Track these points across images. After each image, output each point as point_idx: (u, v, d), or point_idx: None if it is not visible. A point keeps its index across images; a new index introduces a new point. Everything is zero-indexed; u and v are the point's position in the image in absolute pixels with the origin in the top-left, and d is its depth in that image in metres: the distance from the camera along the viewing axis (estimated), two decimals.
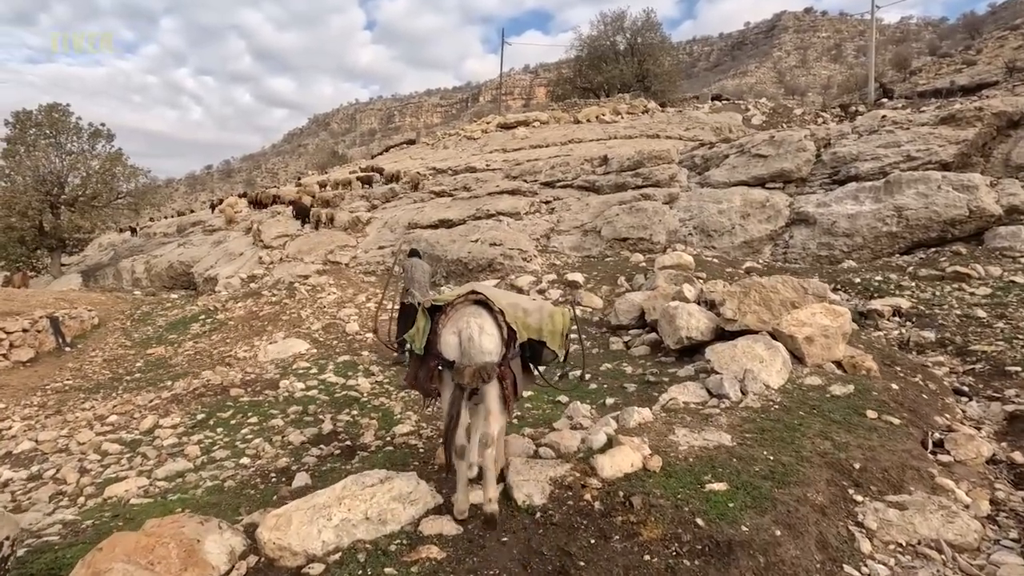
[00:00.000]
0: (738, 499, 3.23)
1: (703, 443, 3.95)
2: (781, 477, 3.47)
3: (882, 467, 3.64)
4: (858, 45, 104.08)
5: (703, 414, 4.55)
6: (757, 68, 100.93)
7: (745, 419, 4.39)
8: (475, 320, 3.07)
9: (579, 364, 5.78)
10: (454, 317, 3.14)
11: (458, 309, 3.18)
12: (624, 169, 15.99)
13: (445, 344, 3.07)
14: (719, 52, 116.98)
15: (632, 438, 3.89)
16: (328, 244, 18.56)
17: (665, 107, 36.36)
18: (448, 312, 3.18)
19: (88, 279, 26.26)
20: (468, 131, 38.77)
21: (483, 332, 3.02)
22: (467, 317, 3.09)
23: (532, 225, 14.91)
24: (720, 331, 6.89)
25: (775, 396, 4.84)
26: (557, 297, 10.69)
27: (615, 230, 13.31)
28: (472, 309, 3.16)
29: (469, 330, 3.01)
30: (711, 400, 4.92)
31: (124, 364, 10.74)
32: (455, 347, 3.03)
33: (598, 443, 3.91)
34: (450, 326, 3.10)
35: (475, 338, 2.99)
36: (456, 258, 13.57)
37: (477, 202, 17.09)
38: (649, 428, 4.25)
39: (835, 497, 3.36)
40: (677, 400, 4.88)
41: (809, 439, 3.98)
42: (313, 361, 8.77)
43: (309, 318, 11.91)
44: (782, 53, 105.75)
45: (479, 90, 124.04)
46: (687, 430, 4.16)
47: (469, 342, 2.97)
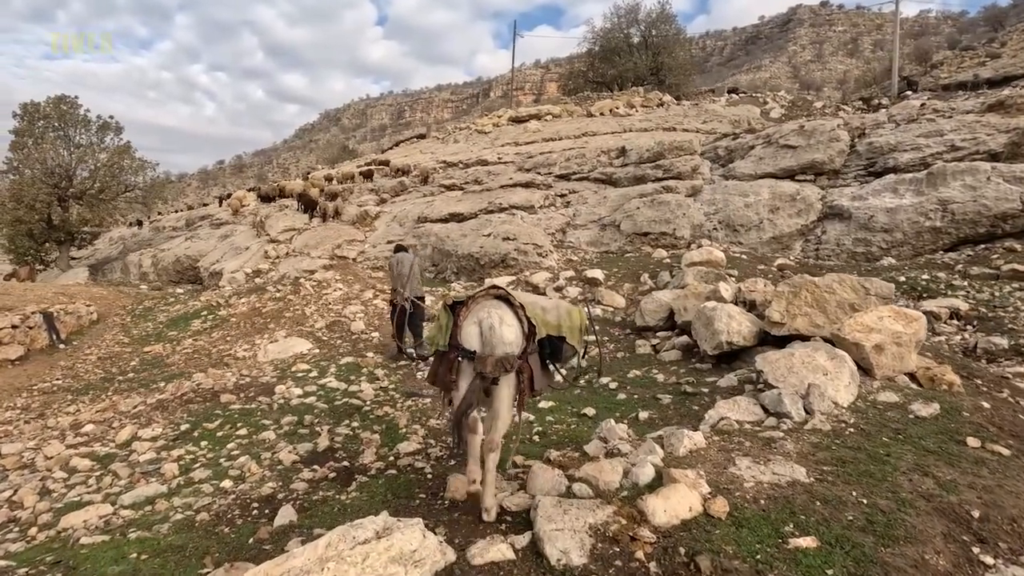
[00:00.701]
0: (836, 562, 2.48)
1: (773, 478, 3.20)
2: (884, 530, 2.71)
3: (1008, 516, 2.87)
4: (875, 39, 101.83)
5: (763, 438, 3.80)
6: (772, 63, 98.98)
7: (817, 446, 3.63)
8: (496, 311, 3.08)
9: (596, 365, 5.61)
10: (475, 309, 3.14)
11: (479, 301, 3.17)
12: (643, 161, 15.17)
13: (466, 335, 3.06)
14: (732, 47, 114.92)
15: (685, 471, 3.15)
16: (335, 238, 17.93)
17: (680, 100, 35.38)
18: (469, 305, 3.17)
19: (96, 273, 25.89)
20: (479, 125, 38.00)
21: (503, 323, 3.04)
22: (488, 308, 3.10)
23: (547, 219, 14.15)
24: (764, 336, 6.12)
25: (847, 416, 4.07)
26: (575, 295, 9.94)
27: (635, 224, 12.51)
28: (493, 302, 3.18)
29: (490, 320, 3.02)
30: (768, 420, 4.16)
31: (119, 363, 10.15)
32: (476, 337, 3.03)
33: (645, 477, 3.17)
34: (471, 317, 3.10)
35: (496, 327, 3.00)
36: (467, 253, 12.86)
37: (489, 195, 16.35)
38: (703, 457, 3.50)
39: (958, 559, 2.60)
40: (730, 420, 4.12)
41: (904, 475, 3.22)
42: (314, 363, 8.10)
43: (313, 315, 11.26)
44: (797, 47, 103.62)
45: (489, 85, 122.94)
46: (750, 460, 3.41)
47: (491, 331, 2.99)
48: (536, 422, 5.35)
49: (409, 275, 8.09)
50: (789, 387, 4.41)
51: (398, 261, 8.33)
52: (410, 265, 8.19)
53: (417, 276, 8.31)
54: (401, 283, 8.07)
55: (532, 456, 4.31)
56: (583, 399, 5.98)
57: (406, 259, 8.33)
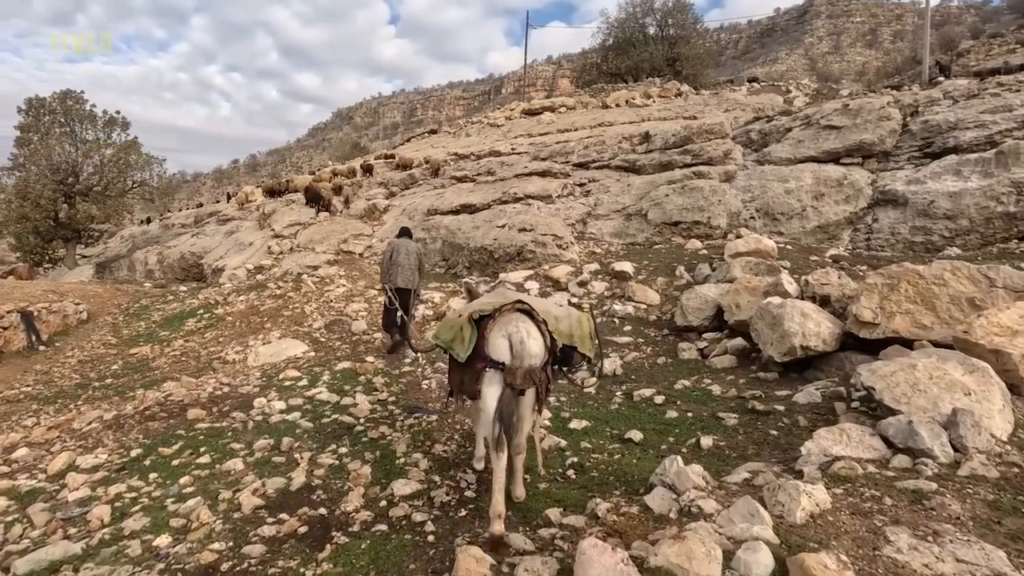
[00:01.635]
0: None
1: (960, 570, 2.03)
2: None
3: None
4: (895, 30, 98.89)
5: (907, 491, 2.62)
6: (788, 55, 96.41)
7: (995, 505, 2.45)
8: (523, 325, 3.12)
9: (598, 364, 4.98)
10: (502, 322, 3.17)
11: (505, 315, 3.19)
12: (670, 146, 13.91)
13: (495, 347, 3.09)
14: (747, 39, 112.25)
15: (821, 557, 1.99)
16: (342, 233, 16.90)
17: (699, 90, 33.96)
18: (496, 318, 3.19)
19: (104, 271, 25.20)
20: (491, 118, 36.89)
21: (531, 337, 3.09)
22: (515, 322, 3.13)
23: (566, 209, 12.97)
24: (847, 339, 4.92)
25: (1014, 455, 2.87)
26: (602, 290, 8.76)
27: (664, 213, 11.28)
28: (519, 315, 3.20)
29: (520, 334, 3.07)
30: (897, 459, 2.98)
31: (100, 366, 9.18)
32: (506, 350, 3.06)
33: (760, 569, 2.02)
34: (498, 330, 3.13)
35: (525, 341, 3.05)
36: (480, 246, 11.72)
37: (503, 185, 15.20)
38: (834, 526, 2.34)
39: None
40: (847, 460, 2.94)
41: None
42: (307, 369, 7.02)
43: (313, 314, 10.21)
44: (814, 39, 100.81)
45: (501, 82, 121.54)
46: (909, 534, 2.24)
47: (521, 345, 3.03)
48: (569, 448, 4.21)
49: (407, 264, 7.35)
50: (918, 411, 3.21)
51: (395, 249, 7.53)
52: (406, 253, 7.43)
53: (413, 266, 7.45)
54: (398, 271, 7.30)
55: (570, 504, 3.18)
56: (623, 417, 4.82)
57: (403, 246, 7.55)
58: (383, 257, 7.68)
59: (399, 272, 7.33)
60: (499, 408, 2.97)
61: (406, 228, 8.37)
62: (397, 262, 7.38)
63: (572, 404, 5.32)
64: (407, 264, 7.38)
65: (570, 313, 3.62)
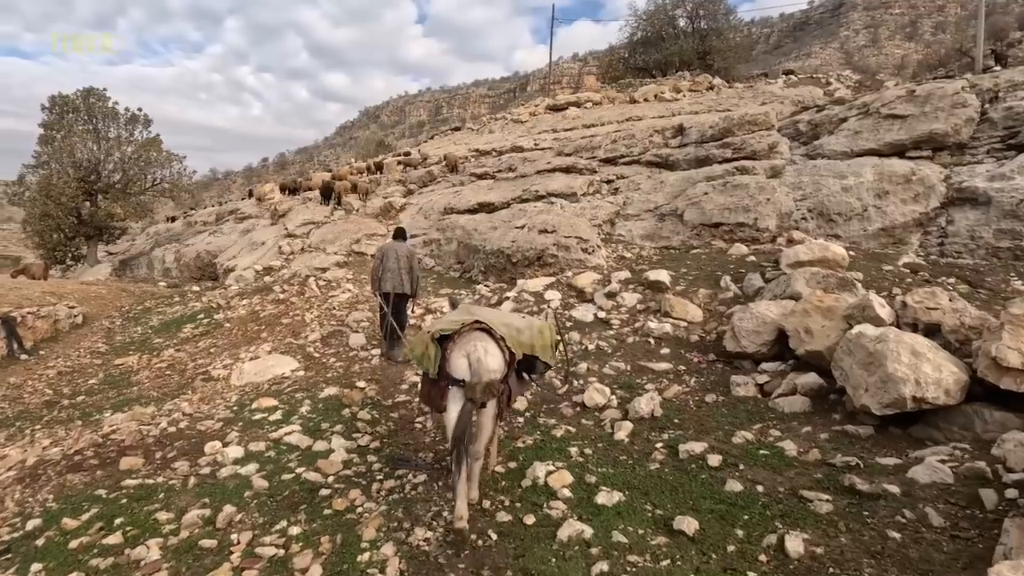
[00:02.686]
0: None
1: None
2: None
3: None
4: (936, 21, 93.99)
5: None
6: (822, 49, 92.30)
7: None
8: (480, 344, 3.30)
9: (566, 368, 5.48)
10: (461, 343, 3.33)
11: (464, 336, 3.36)
12: (707, 140, 12.51)
13: (455, 367, 3.28)
14: (779, 34, 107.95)
15: None
16: (355, 232, 15.95)
17: (732, 83, 32.18)
18: (455, 339, 3.34)
19: (125, 268, 24.90)
20: (515, 114, 35.68)
21: (488, 354, 3.28)
22: (474, 342, 3.31)
23: (592, 208, 11.70)
24: (974, 386, 3.60)
25: None
26: (634, 304, 7.49)
27: (703, 213, 9.92)
28: (477, 335, 3.36)
29: (477, 353, 3.26)
30: None
31: (78, 380, 8.33)
32: (465, 368, 3.25)
33: None
34: (458, 350, 3.31)
35: (483, 359, 3.24)
36: (497, 248, 10.56)
37: (523, 182, 14.01)
38: None
39: None
40: None
41: None
42: (288, 395, 5.96)
43: (312, 323, 9.21)
44: (850, 32, 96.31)
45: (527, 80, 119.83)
46: None
47: (478, 363, 3.23)
48: (596, 541, 3.01)
49: (396, 268, 7.00)
50: None
51: (384, 254, 7.14)
52: (395, 257, 7.07)
53: (404, 270, 7.06)
54: (388, 276, 6.97)
55: None
56: (668, 486, 3.60)
57: (393, 250, 7.15)
58: (374, 263, 7.27)
59: (389, 277, 6.98)
60: (459, 421, 3.15)
61: (401, 229, 7.85)
62: (387, 267, 7.01)
63: (599, 459, 4.12)
64: (396, 268, 7.00)
65: (531, 324, 3.85)
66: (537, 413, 5.22)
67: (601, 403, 5.17)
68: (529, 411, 5.27)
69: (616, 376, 5.87)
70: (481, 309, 4.01)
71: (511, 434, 4.76)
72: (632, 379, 5.71)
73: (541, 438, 4.59)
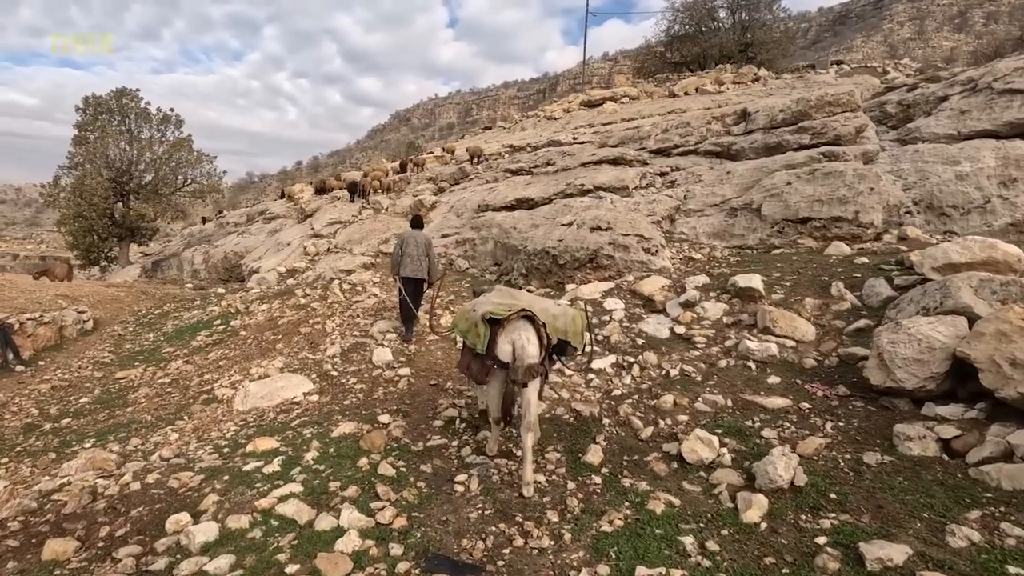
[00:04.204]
0: None
1: None
2: None
3: None
4: (988, 11, 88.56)
5: None
6: (864, 43, 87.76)
7: None
8: (524, 333, 3.65)
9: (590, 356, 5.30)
10: (508, 329, 3.67)
11: (512, 322, 3.68)
12: (777, 125, 10.87)
13: (502, 351, 3.63)
14: (818, 28, 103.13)
15: None
16: (383, 232, 14.81)
17: (781, 74, 30.11)
18: (504, 325, 3.67)
19: (156, 270, 24.46)
20: (548, 111, 34.28)
21: (530, 343, 3.63)
22: (519, 330, 3.66)
23: (647, 204, 10.20)
24: None
25: None
26: (720, 316, 5.99)
27: (787, 207, 8.33)
28: (522, 323, 3.70)
29: (521, 341, 3.60)
30: None
31: (71, 397, 7.28)
32: (509, 353, 3.60)
33: None
34: (505, 336, 3.65)
35: (526, 347, 3.59)
36: (541, 249, 9.17)
37: (566, 176, 12.59)
38: None
39: None
40: None
41: None
42: (295, 431, 4.70)
43: (333, 333, 7.99)
44: (894, 25, 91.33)
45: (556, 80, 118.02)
46: None
47: (522, 350, 3.57)
48: None
49: (416, 255, 7.22)
50: None
51: (403, 241, 7.32)
52: (414, 244, 7.28)
53: (422, 256, 7.29)
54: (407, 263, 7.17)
55: None
56: None
57: (411, 239, 7.32)
58: (394, 249, 7.48)
59: (408, 263, 7.20)
60: (504, 399, 3.67)
61: (418, 217, 7.96)
62: (407, 253, 7.23)
63: (734, 564, 2.68)
64: (415, 255, 7.23)
65: (566, 312, 4.08)
66: (618, 469, 3.82)
67: (707, 458, 3.73)
68: (607, 465, 3.87)
69: (715, 414, 4.42)
70: (521, 293, 4.29)
71: (588, 504, 3.38)
72: (739, 421, 4.24)
73: (633, 515, 3.19)
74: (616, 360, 5.50)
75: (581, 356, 5.09)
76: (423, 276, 7.29)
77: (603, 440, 4.23)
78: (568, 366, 5.38)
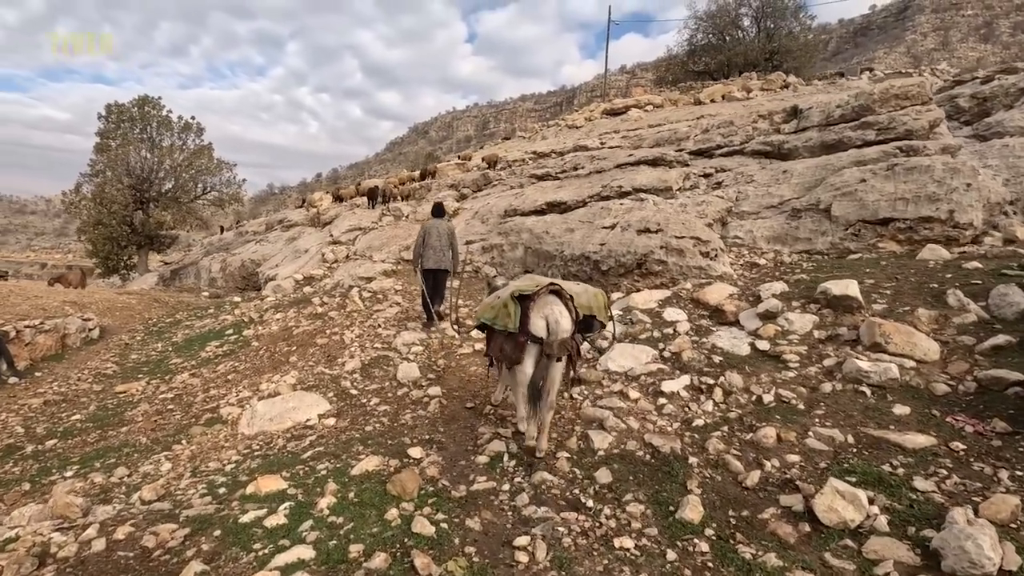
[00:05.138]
0: None
1: None
2: None
3: None
4: (1015, 21, 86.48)
5: None
6: (887, 54, 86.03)
7: None
8: (555, 306, 3.63)
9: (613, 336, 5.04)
10: (539, 304, 3.63)
11: (541, 297, 3.65)
12: (835, 121, 9.89)
13: (535, 326, 3.56)
14: (838, 40, 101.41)
15: None
16: (404, 238, 14.03)
17: (810, 81, 29.06)
18: (535, 300, 3.63)
19: (175, 278, 24.06)
20: (569, 120, 33.60)
21: (563, 315, 3.60)
22: (550, 305, 3.63)
23: (694, 206, 9.26)
24: None
25: None
26: (809, 329, 5.01)
27: (863, 206, 7.32)
28: (551, 298, 3.69)
29: (554, 315, 3.58)
30: None
31: (63, 413, 6.51)
32: (543, 327, 3.55)
33: None
34: (537, 311, 3.60)
35: (559, 320, 3.56)
36: (580, 254, 8.27)
37: (601, 178, 11.71)
38: None
39: None
40: None
41: None
42: (305, 469, 3.82)
43: (352, 345, 7.15)
44: (917, 36, 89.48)
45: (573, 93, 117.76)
46: None
47: (556, 324, 3.55)
48: None
49: (438, 245, 7.07)
50: None
51: (427, 231, 7.14)
52: (437, 235, 7.12)
53: (445, 247, 7.16)
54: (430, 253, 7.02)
55: None
56: None
57: (433, 229, 7.17)
58: (416, 240, 7.29)
59: (431, 254, 7.04)
60: (536, 373, 3.55)
61: (439, 206, 7.70)
62: (429, 244, 7.06)
63: None
64: (438, 246, 7.06)
65: (587, 289, 4.13)
66: (727, 531, 2.86)
67: (853, 520, 2.76)
68: (710, 523, 2.92)
69: (835, 454, 3.44)
70: (542, 278, 4.10)
71: None
72: (873, 464, 3.26)
73: None
74: (691, 381, 4.54)
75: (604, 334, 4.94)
76: (446, 267, 7.16)
77: (697, 487, 3.27)
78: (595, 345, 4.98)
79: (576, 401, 4.60)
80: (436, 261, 7.08)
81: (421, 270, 7.16)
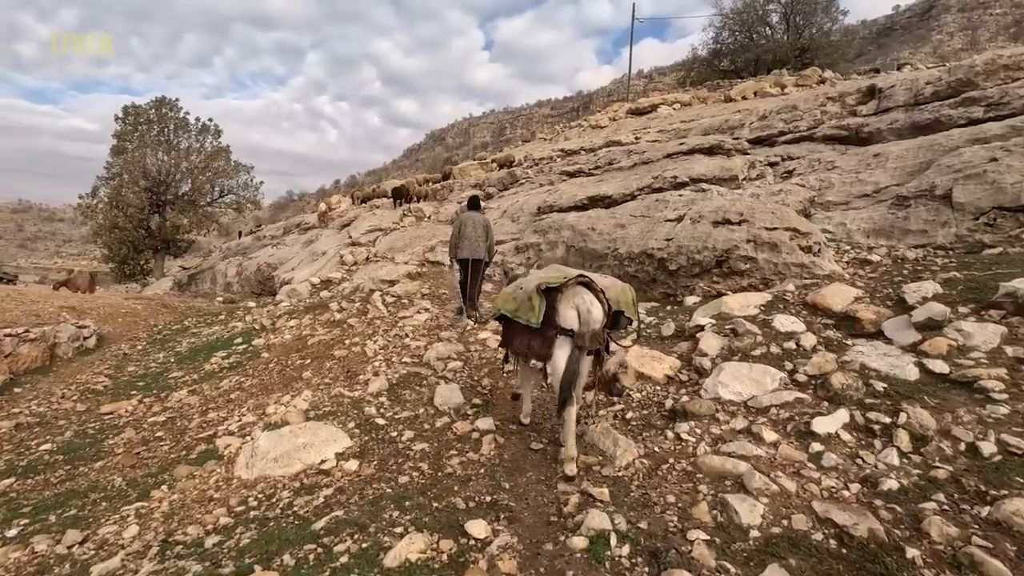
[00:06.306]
0: None
1: None
2: None
3: None
4: None
5: None
6: (912, 55, 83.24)
7: None
8: (586, 297, 3.41)
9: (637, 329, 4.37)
10: (568, 295, 3.41)
11: (570, 288, 3.44)
12: (926, 99, 8.50)
13: (565, 318, 3.35)
14: (861, 41, 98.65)
15: None
16: (428, 239, 12.89)
17: (848, 75, 27.50)
18: (563, 291, 3.42)
19: (191, 282, 23.29)
20: (593, 120, 32.36)
21: (594, 305, 3.39)
22: (580, 295, 3.41)
23: (768, 196, 7.91)
24: None
25: None
26: (997, 343, 3.67)
27: (998, 190, 5.93)
28: (580, 288, 3.46)
29: (585, 304, 3.36)
30: None
31: (32, 441, 5.38)
32: (574, 319, 3.33)
33: None
34: (566, 302, 3.38)
35: (591, 310, 3.35)
36: (640, 251, 6.98)
37: (649, 169, 10.43)
38: None
39: None
40: None
41: None
42: (318, 552, 2.58)
43: (375, 358, 5.95)
44: (943, 36, 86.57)
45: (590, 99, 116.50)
46: None
47: (588, 314, 3.33)
48: None
49: (475, 236, 6.91)
50: None
51: (462, 223, 6.99)
52: (473, 226, 6.95)
53: (481, 237, 6.97)
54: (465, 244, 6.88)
55: None
56: None
57: (469, 220, 7.00)
58: (452, 230, 7.21)
59: (467, 244, 6.95)
60: (568, 367, 3.25)
61: (475, 198, 7.62)
62: (465, 235, 6.98)
63: None
64: (474, 236, 6.98)
65: (615, 283, 3.83)
66: None
67: None
68: None
69: None
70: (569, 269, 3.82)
71: None
72: None
73: None
74: (851, 418, 3.23)
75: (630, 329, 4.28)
76: (482, 256, 7.07)
77: None
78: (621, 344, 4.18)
79: (686, 443, 3.31)
80: (472, 251, 6.98)
81: (458, 261, 7.09)
